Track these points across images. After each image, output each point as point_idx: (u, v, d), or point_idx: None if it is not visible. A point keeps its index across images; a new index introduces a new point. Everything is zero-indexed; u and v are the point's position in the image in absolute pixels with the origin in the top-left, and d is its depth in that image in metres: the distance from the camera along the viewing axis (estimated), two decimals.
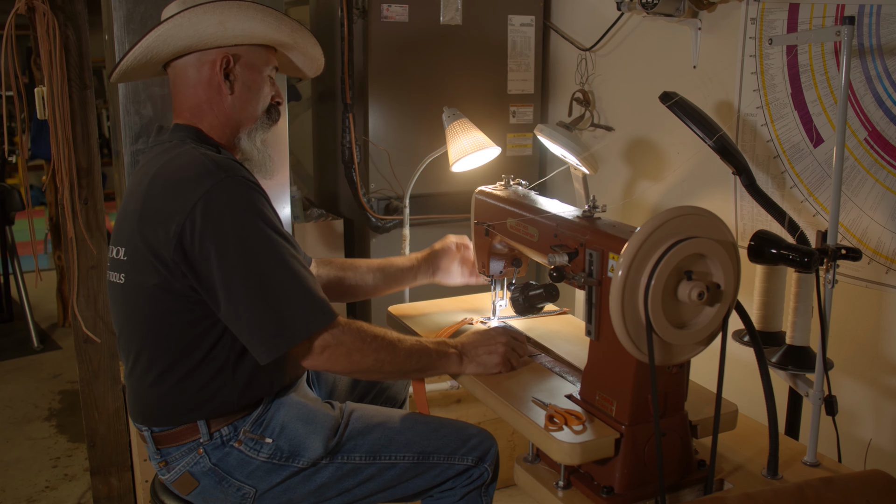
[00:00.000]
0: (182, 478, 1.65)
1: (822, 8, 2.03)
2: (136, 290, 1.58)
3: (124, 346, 1.67)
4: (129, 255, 1.59)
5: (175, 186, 1.52)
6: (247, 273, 1.48)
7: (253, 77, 1.69)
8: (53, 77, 2.34)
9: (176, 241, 1.48)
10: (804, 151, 2.12)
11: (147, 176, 1.59)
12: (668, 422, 1.45)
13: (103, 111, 6.89)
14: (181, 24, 1.60)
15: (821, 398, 1.59)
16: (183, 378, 1.59)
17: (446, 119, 2.36)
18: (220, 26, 1.61)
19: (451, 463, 1.71)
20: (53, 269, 4.90)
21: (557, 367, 1.75)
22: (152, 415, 1.64)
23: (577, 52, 2.91)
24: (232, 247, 1.47)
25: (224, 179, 1.50)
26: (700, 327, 1.40)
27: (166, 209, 1.50)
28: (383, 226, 2.80)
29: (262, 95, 1.72)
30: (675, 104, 1.81)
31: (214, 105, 1.67)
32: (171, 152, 1.60)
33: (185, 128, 1.66)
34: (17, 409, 3.75)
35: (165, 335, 1.58)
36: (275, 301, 1.49)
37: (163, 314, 1.56)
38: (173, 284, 1.53)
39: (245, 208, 1.50)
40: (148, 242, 1.53)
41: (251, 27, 1.64)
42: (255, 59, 1.69)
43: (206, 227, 1.47)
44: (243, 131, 1.71)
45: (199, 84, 1.67)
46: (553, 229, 1.63)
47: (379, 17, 2.69)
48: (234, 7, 1.62)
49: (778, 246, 1.55)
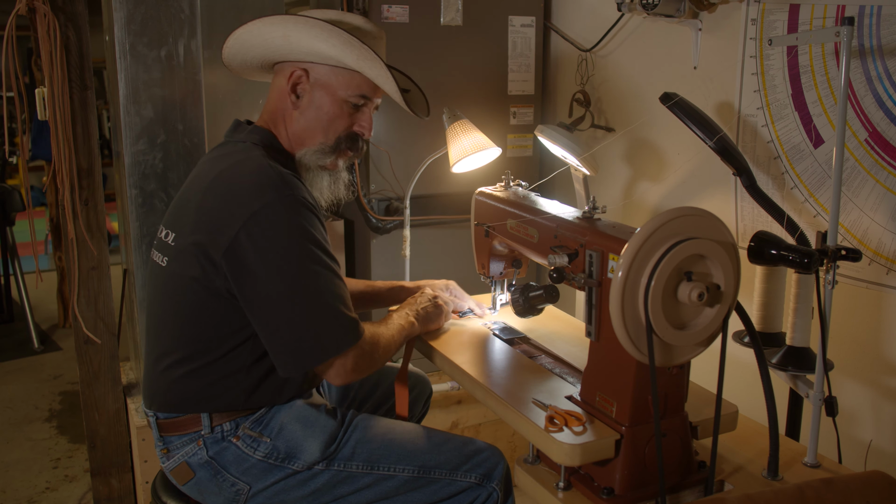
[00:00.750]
0: (180, 467, 1.66)
1: (822, 9, 2.03)
2: (176, 277, 1.60)
3: (150, 327, 1.70)
4: (177, 242, 1.61)
5: (237, 192, 1.54)
6: (290, 291, 1.51)
7: (325, 98, 1.67)
8: (54, 78, 2.34)
9: (227, 245, 1.51)
10: (805, 152, 2.12)
11: (212, 172, 1.61)
12: (669, 423, 1.45)
13: (104, 112, 6.90)
14: (251, 31, 1.65)
15: (821, 399, 1.59)
16: (197, 370, 1.61)
17: (447, 120, 2.36)
18: (283, 39, 1.64)
19: (454, 479, 1.67)
20: (54, 270, 4.91)
21: (557, 367, 1.75)
22: (161, 399, 1.66)
23: (578, 53, 2.91)
24: (279, 262, 1.50)
25: (285, 196, 1.52)
26: (700, 328, 1.40)
27: (224, 212, 1.53)
28: (384, 227, 2.80)
29: (331, 118, 1.68)
30: (675, 105, 1.81)
31: (286, 115, 1.70)
32: (240, 154, 1.62)
33: (261, 131, 1.69)
34: (18, 410, 3.75)
35: (192, 326, 1.60)
36: (311, 320, 1.52)
37: (196, 307, 1.59)
38: (214, 283, 1.55)
39: (298, 227, 1.52)
40: (199, 238, 1.55)
41: (315, 45, 1.62)
42: (332, 80, 1.67)
43: (259, 239, 1.50)
44: (307, 149, 1.70)
45: (277, 91, 1.71)
46: (553, 230, 1.63)
47: (379, 17, 2.69)
48: (301, 23, 1.61)
49: (778, 247, 1.55)
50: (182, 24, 2.44)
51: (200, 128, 2.52)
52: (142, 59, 2.42)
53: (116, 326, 2.65)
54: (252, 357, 1.62)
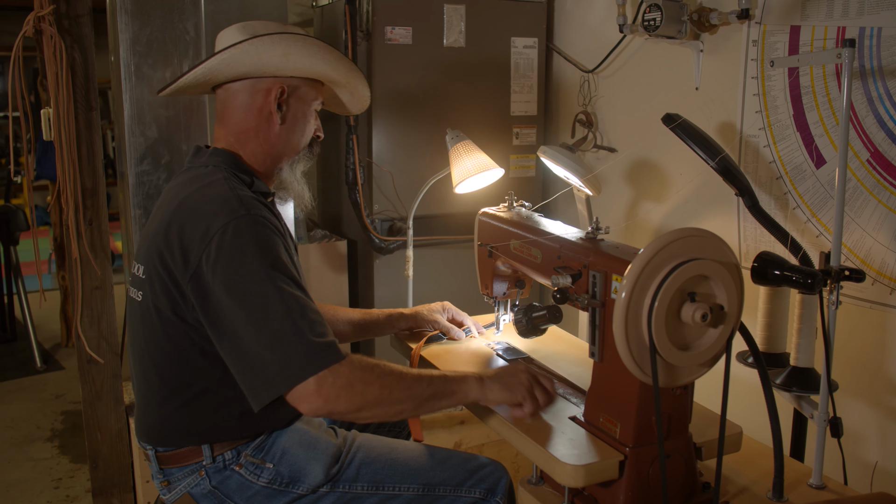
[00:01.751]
0: (182, 499, 1.64)
1: (822, 30, 2.04)
2: (152, 310, 1.58)
3: (135, 362, 1.67)
4: (147, 274, 1.59)
5: (198, 217, 1.52)
6: (249, 316, 1.44)
7: (302, 110, 1.73)
8: (60, 98, 2.35)
9: (191, 273, 1.49)
10: (807, 172, 2.12)
11: (175, 200, 1.59)
12: (673, 444, 1.44)
13: (108, 132, 6.93)
14: (247, 51, 1.63)
15: (826, 420, 1.59)
16: (189, 401, 1.59)
17: (450, 141, 2.37)
18: (283, 58, 1.65)
19: (458, 495, 1.67)
20: (57, 289, 4.91)
21: (561, 388, 1.74)
22: (157, 434, 1.64)
23: (580, 74, 2.92)
24: (237, 284, 1.45)
25: (243, 216, 1.49)
26: (704, 349, 1.40)
27: (186, 240, 1.51)
28: (387, 247, 2.81)
29: (307, 128, 1.76)
30: (678, 126, 1.81)
31: (261, 132, 1.70)
32: (203, 180, 1.60)
33: (224, 153, 1.68)
34: (20, 430, 3.75)
35: (176, 359, 1.58)
36: (273, 345, 1.43)
37: (176, 338, 1.56)
38: (185, 314, 1.53)
39: (255, 247, 1.47)
40: (167, 267, 1.53)
41: (312, 63, 1.69)
42: (307, 92, 1.74)
43: (218, 261, 1.46)
44: (285, 162, 1.74)
45: (249, 110, 1.69)
46: (556, 251, 1.64)
47: (383, 39, 2.71)
48: (300, 41, 1.66)
49: (781, 267, 1.55)
50: (187, 46, 2.46)
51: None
52: (147, 80, 2.43)
53: (119, 346, 2.65)
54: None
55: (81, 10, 2.39)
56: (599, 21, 2.83)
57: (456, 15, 2.80)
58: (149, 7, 2.39)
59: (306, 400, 1.43)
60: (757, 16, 2.20)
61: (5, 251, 4.68)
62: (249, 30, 1.67)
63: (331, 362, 1.43)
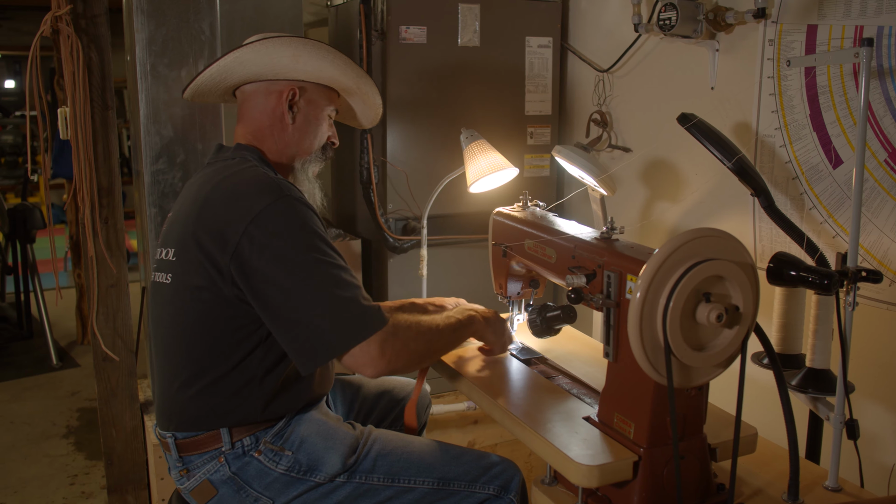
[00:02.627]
0: (201, 485, 1.67)
1: (840, 29, 2.03)
2: (183, 290, 1.62)
3: (159, 349, 1.71)
4: (178, 255, 1.63)
5: (237, 197, 1.58)
6: (301, 284, 1.51)
7: (314, 113, 1.81)
8: (76, 98, 2.37)
9: (233, 249, 1.53)
10: (823, 173, 2.11)
11: (208, 184, 1.65)
12: (687, 444, 1.44)
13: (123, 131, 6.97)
14: (259, 50, 1.71)
15: (842, 422, 1.58)
16: (211, 384, 1.62)
17: (464, 140, 2.37)
18: (293, 59, 1.72)
19: (472, 491, 1.70)
20: (73, 287, 4.94)
21: (575, 388, 1.74)
22: (178, 418, 1.67)
23: (595, 74, 2.91)
24: (286, 258, 1.52)
25: (284, 197, 1.57)
26: (719, 350, 1.39)
27: (226, 217, 1.56)
28: (401, 246, 2.81)
29: (319, 131, 1.83)
30: (693, 126, 1.81)
31: (276, 132, 1.78)
32: (235, 167, 1.67)
33: (248, 148, 1.76)
34: (36, 426, 3.78)
35: (201, 339, 1.61)
36: (326, 311, 1.51)
37: (205, 316, 1.60)
38: (222, 291, 1.57)
39: (302, 224, 1.56)
40: (202, 246, 1.57)
41: (321, 66, 1.76)
42: (319, 97, 1.81)
43: (264, 239, 1.52)
44: (298, 161, 1.82)
45: (264, 110, 1.77)
46: (571, 251, 1.63)
47: (397, 38, 2.71)
48: (310, 45, 1.74)
49: (797, 268, 1.54)
50: (202, 45, 2.47)
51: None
52: (162, 79, 2.45)
53: (134, 344, 2.67)
54: (263, 367, 1.63)
55: (98, 10, 2.41)
56: (614, 20, 2.82)
57: (470, 14, 2.80)
58: (164, 7, 2.41)
59: (371, 363, 1.54)
60: (773, 15, 2.18)
61: (22, 249, 4.71)
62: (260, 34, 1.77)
63: (382, 324, 1.54)
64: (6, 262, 4.88)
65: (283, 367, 1.65)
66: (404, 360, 1.59)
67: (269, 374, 1.64)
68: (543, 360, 1.92)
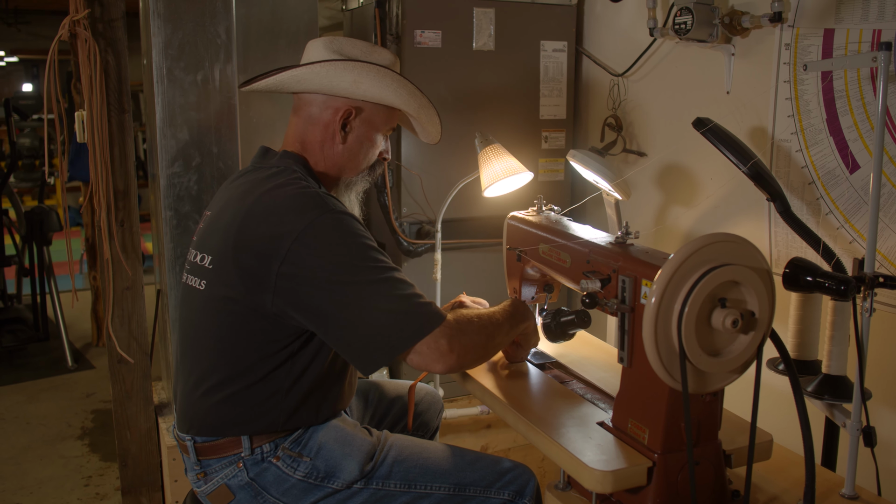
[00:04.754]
0: (219, 490, 1.67)
1: (857, 33, 2.02)
2: (216, 300, 1.61)
3: (185, 351, 1.71)
4: (215, 264, 1.62)
5: (282, 213, 1.55)
6: (359, 287, 1.51)
7: (368, 133, 1.76)
8: (93, 101, 2.38)
9: (281, 260, 1.51)
10: (840, 178, 2.10)
11: (251, 195, 1.62)
12: (702, 450, 1.43)
13: (139, 134, 7.02)
14: (318, 73, 1.67)
15: (859, 429, 1.56)
16: (236, 393, 1.62)
17: (479, 144, 2.36)
18: (353, 84, 1.69)
19: (487, 496, 1.70)
20: (88, 290, 4.97)
21: (589, 393, 1.73)
22: (199, 424, 1.67)
23: (610, 78, 2.91)
24: (342, 264, 1.51)
25: (329, 210, 1.55)
26: (734, 355, 1.38)
27: (270, 231, 1.54)
28: (415, 250, 2.81)
29: (371, 153, 1.79)
30: (708, 130, 1.80)
31: (326, 147, 1.74)
32: (278, 178, 1.64)
33: (294, 156, 1.73)
34: (51, 428, 3.80)
35: (232, 349, 1.61)
36: (388, 310, 1.51)
37: (236, 328, 1.60)
38: (262, 304, 1.56)
39: (350, 232, 1.55)
40: (242, 260, 1.56)
41: (382, 94, 1.72)
42: (377, 117, 1.76)
43: (316, 248, 1.51)
44: (344, 180, 1.78)
45: (318, 123, 1.73)
46: (585, 255, 1.63)
47: (412, 42, 2.71)
48: (372, 72, 1.69)
49: (813, 273, 1.53)
50: (218, 49, 2.48)
51: (235, 151, 2.55)
52: (178, 83, 2.46)
53: (149, 346, 2.68)
54: (290, 379, 1.63)
55: (115, 15, 2.43)
56: (629, 24, 2.82)
57: (485, 18, 2.80)
58: (181, 11, 2.42)
59: (441, 358, 1.54)
60: (790, 19, 2.17)
61: (38, 251, 4.74)
62: (335, 47, 1.72)
63: (442, 320, 1.54)
64: (23, 264, 4.92)
65: (307, 380, 1.65)
66: (472, 355, 1.60)
67: (294, 385, 1.63)
68: (558, 365, 1.91)
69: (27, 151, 8.15)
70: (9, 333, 4.81)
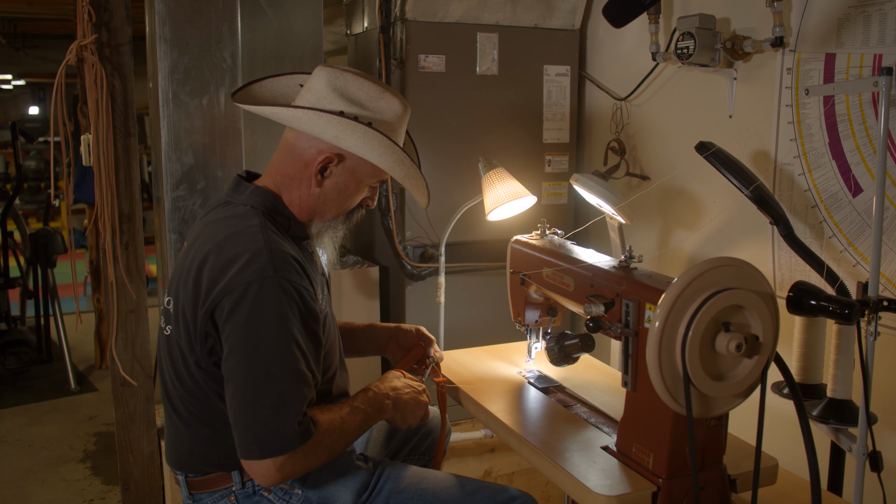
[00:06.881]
0: None
1: (858, 57, 2.03)
2: (177, 346, 1.61)
3: (166, 391, 1.69)
4: (174, 309, 1.62)
5: (227, 268, 1.51)
6: (248, 375, 1.48)
7: (349, 182, 1.67)
8: (99, 125, 2.40)
9: (209, 315, 1.52)
10: (843, 201, 2.10)
11: (210, 241, 1.58)
12: (707, 475, 1.43)
13: (143, 156, 7.06)
14: (300, 118, 1.60)
15: (865, 454, 1.56)
16: (216, 433, 1.61)
17: (482, 168, 2.37)
18: (335, 139, 1.60)
19: None
20: (92, 312, 4.97)
21: (593, 417, 1.73)
22: (186, 462, 1.66)
23: (613, 102, 2.92)
24: (247, 343, 1.48)
25: (269, 278, 1.49)
26: (738, 379, 1.38)
27: (212, 286, 1.52)
28: (419, 273, 2.81)
29: (349, 201, 1.70)
30: (711, 154, 1.81)
31: (302, 186, 1.65)
32: (239, 223, 1.59)
33: (265, 193, 1.65)
34: (54, 450, 3.78)
35: (205, 394, 1.60)
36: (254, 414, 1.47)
37: (197, 378, 1.59)
38: (201, 359, 1.56)
39: (274, 314, 1.49)
40: (188, 309, 1.56)
41: (366, 155, 1.62)
42: (362, 168, 1.66)
43: (234, 315, 1.49)
44: (315, 224, 1.69)
45: (299, 159, 1.65)
46: (589, 279, 1.63)
47: (416, 67, 2.73)
48: (359, 132, 1.58)
49: (817, 297, 1.53)
50: (223, 74, 2.50)
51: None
52: (184, 106, 2.47)
53: (153, 369, 2.68)
54: None
55: (122, 40, 2.45)
56: (632, 49, 2.83)
57: (489, 43, 2.82)
58: (187, 36, 2.44)
59: (266, 478, 1.49)
60: (791, 43, 2.19)
61: (43, 273, 4.75)
62: (339, 84, 1.62)
63: (299, 444, 1.48)
64: (27, 285, 4.93)
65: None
66: (303, 472, 1.54)
67: None
68: (561, 389, 1.91)
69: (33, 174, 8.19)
70: (12, 355, 4.80)
